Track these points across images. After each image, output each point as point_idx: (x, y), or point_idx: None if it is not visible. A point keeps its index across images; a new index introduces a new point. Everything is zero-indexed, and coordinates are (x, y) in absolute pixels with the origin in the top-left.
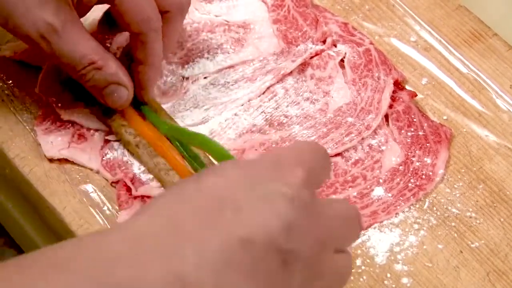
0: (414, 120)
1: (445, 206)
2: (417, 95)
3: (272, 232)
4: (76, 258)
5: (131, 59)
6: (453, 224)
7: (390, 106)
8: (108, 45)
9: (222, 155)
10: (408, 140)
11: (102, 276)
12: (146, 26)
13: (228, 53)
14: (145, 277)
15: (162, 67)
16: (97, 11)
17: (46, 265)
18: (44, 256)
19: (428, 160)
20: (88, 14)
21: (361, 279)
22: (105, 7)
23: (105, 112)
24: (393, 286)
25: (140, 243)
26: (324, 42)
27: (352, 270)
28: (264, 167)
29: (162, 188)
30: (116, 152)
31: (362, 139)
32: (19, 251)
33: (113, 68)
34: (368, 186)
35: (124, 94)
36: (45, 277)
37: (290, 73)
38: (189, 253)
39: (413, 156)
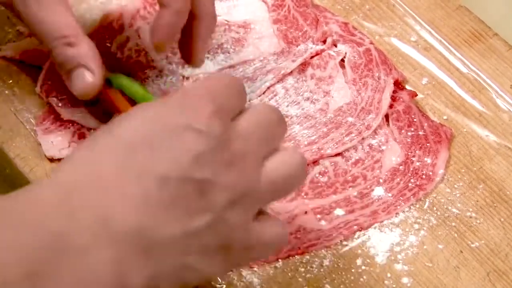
0: (414, 120)
1: (445, 206)
2: (417, 95)
3: (183, 165)
4: (11, 213)
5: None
6: (453, 224)
7: (391, 106)
8: (108, 45)
9: (142, 96)
10: (408, 140)
11: (36, 228)
12: None
13: (229, 52)
14: (76, 226)
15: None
16: (96, 10)
17: None
18: None
19: (428, 160)
20: (87, 15)
21: (361, 279)
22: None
23: (104, 112)
24: (394, 286)
25: (68, 195)
26: (324, 42)
27: (352, 270)
28: (174, 105)
29: None
30: None
31: (363, 139)
32: None
33: (85, 49)
34: (368, 186)
35: (88, 80)
36: None
37: (291, 73)
38: (113, 199)
39: (413, 156)
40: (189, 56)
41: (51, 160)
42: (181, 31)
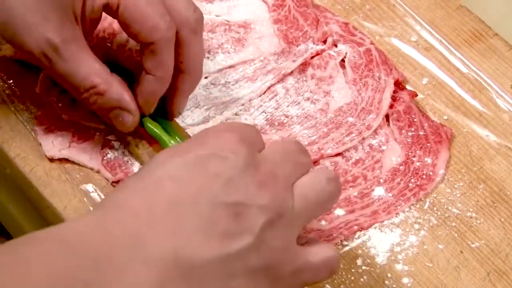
0: (415, 120)
1: (445, 206)
2: (417, 95)
3: (213, 190)
4: (38, 250)
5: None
6: (453, 224)
7: (391, 106)
8: (109, 44)
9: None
10: (409, 140)
11: (76, 249)
12: (154, 35)
13: (229, 53)
14: (113, 244)
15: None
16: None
17: (11, 261)
18: (9, 251)
19: (428, 160)
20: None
21: (362, 279)
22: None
23: None
24: (394, 286)
25: (102, 221)
26: (324, 42)
27: (353, 270)
28: (196, 141)
29: None
30: (117, 152)
31: (363, 139)
32: None
33: (117, 93)
34: (369, 186)
35: (129, 119)
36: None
37: (291, 73)
38: (144, 227)
39: (414, 156)
40: (169, 106)
41: (51, 160)
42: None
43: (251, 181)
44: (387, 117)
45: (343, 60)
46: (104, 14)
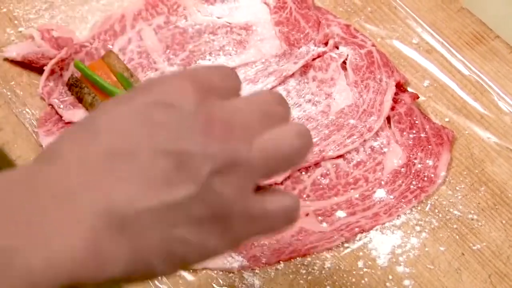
0: (416, 122)
1: (447, 208)
2: (419, 97)
3: (153, 138)
4: None
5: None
6: (454, 226)
7: (392, 108)
8: (110, 46)
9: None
10: (410, 142)
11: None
12: None
13: (230, 55)
14: (39, 203)
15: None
16: (97, 12)
17: None
18: None
19: (430, 162)
20: (89, 16)
21: (363, 281)
22: None
23: None
24: None
25: (32, 175)
26: (326, 44)
27: (354, 272)
28: (144, 86)
29: None
30: None
31: (364, 141)
32: None
33: None
34: (370, 188)
35: None
36: None
37: (292, 75)
38: (74, 179)
39: (415, 158)
40: None
41: None
42: None
43: (198, 129)
44: (388, 119)
45: (344, 62)
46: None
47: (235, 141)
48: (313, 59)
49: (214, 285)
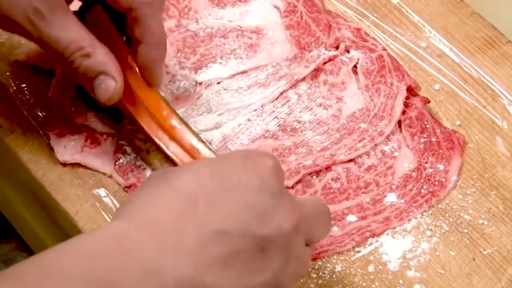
0: (427, 126)
1: (457, 213)
2: (430, 101)
3: (245, 220)
4: (61, 262)
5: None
6: (465, 230)
7: (403, 112)
8: None
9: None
10: (421, 146)
11: (86, 274)
12: None
13: (241, 58)
14: (125, 277)
15: (167, 49)
16: None
17: (35, 274)
18: (33, 265)
19: (441, 167)
20: None
21: (374, 285)
22: None
23: (115, 118)
24: None
25: (119, 247)
26: (337, 48)
27: (365, 276)
28: (233, 161)
29: None
30: (129, 157)
31: (375, 145)
32: (31, 254)
33: (102, 56)
34: (381, 192)
35: (111, 85)
36: (37, 285)
37: (303, 78)
38: (167, 249)
39: (426, 163)
40: (146, 79)
41: (64, 164)
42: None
43: (281, 220)
44: (399, 123)
45: (355, 66)
46: None
47: (297, 240)
48: (324, 63)
49: None
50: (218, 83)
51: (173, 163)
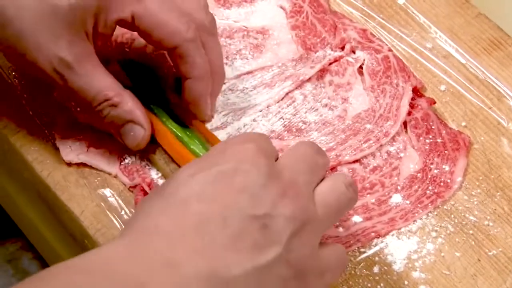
0: (433, 127)
1: (463, 214)
2: (435, 102)
3: (240, 204)
4: (95, 271)
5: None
6: (471, 232)
7: (409, 113)
8: (127, 49)
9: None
10: (427, 147)
11: (120, 282)
12: (177, 38)
13: (247, 59)
14: (150, 272)
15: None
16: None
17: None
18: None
19: (446, 168)
20: None
21: (379, 286)
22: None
23: None
24: None
25: (134, 246)
26: (342, 48)
27: (370, 277)
28: (216, 154)
29: None
30: (134, 157)
31: (381, 146)
32: (36, 254)
33: (129, 105)
34: (386, 193)
35: (140, 133)
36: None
37: (309, 79)
38: (178, 249)
39: (431, 163)
40: (192, 112)
41: (69, 164)
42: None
43: (275, 192)
44: (405, 124)
45: (361, 67)
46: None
47: (305, 200)
48: (330, 64)
49: None
50: (223, 83)
51: (177, 164)
